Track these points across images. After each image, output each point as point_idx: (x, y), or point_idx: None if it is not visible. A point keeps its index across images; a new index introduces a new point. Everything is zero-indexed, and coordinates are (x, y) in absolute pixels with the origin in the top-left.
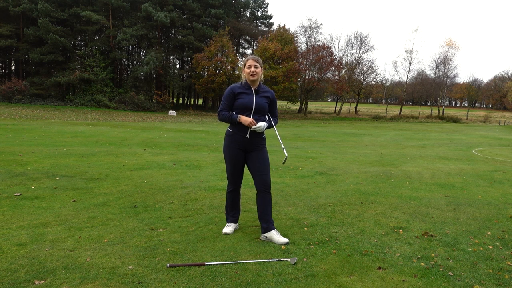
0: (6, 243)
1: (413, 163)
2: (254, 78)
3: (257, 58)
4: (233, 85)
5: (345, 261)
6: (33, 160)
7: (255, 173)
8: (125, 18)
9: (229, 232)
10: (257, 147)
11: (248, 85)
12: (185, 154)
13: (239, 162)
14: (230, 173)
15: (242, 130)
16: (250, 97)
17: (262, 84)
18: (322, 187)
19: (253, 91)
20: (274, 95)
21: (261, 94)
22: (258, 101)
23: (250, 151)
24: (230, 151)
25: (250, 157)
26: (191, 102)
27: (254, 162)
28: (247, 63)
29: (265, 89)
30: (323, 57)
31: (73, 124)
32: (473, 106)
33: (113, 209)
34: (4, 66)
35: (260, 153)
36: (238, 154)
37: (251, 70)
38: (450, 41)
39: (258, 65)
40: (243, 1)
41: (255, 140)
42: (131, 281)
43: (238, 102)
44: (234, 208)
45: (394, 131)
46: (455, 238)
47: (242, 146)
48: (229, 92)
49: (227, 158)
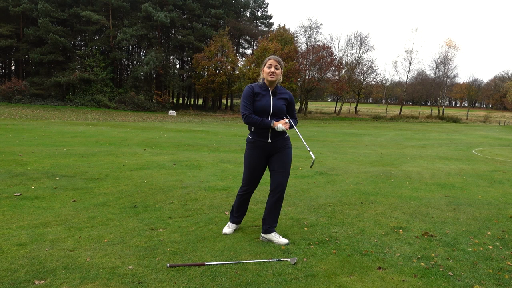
0: (6, 243)
1: (413, 163)
2: (273, 79)
3: (279, 59)
4: (251, 84)
5: (345, 261)
6: (33, 160)
7: (272, 174)
8: (125, 18)
9: (229, 232)
10: (281, 149)
11: (266, 86)
12: (185, 154)
13: (260, 170)
14: (248, 178)
15: (263, 136)
16: (267, 99)
17: (279, 85)
18: (322, 187)
19: (270, 92)
20: (292, 96)
21: (278, 95)
22: (275, 103)
23: (274, 154)
24: (252, 158)
25: (273, 158)
26: (191, 102)
27: (275, 164)
28: (268, 62)
29: (283, 90)
30: (323, 57)
31: (73, 124)
32: (473, 106)
33: (113, 209)
34: (4, 66)
35: (282, 155)
36: (260, 161)
37: (271, 70)
38: (450, 41)
39: (279, 66)
40: (243, 1)
41: (278, 143)
42: (131, 281)
43: (255, 105)
44: (240, 210)
45: (394, 131)
46: (455, 238)
47: (265, 152)
48: (249, 91)
49: (248, 164)
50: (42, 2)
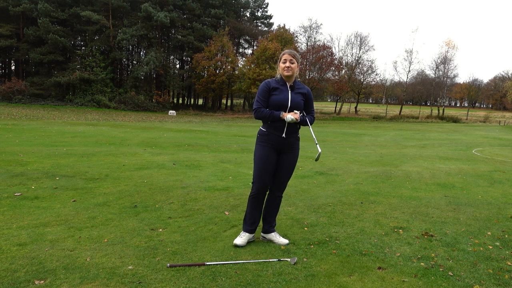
0: (6, 243)
1: (413, 163)
2: (289, 73)
3: (294, 53)
4: (268, 80)
5: (345, 261)
6: (33, 160)
7: (276, 175)
8: (125, 18)
9: (241, 244)
10: (291, 149)
11: (284, 81)
12: (185, 154)
13: (272, 162)
14: (259, 174)
15: (278, 130)
16: (285, 93)
17: (297, 80)
18: (322, 187)
19: (288, 87)
20: (311, 92)
21: (296, 90)
22: (293, 98)
23: (283, 153)
24: (263, 151)
25: (281, 158)
26: (191, 102)
27: (282, 166)
28: (282, 57)
29: (301, 85)
30: (323, 57)
31: (73, 124)
32: (473, 106)
33: (113, 209)
34: (4, 66)
35: (290, 157)
36: (272, 154)
37: (286, 65)
38: (449, 41)
39: (294, 60)
40: (243, 1)
41: (290, 140)
42: (131, 281)
43: (273, 99)
44: (254, 216)
45: (394, 131)
46: (455, 238)
47: (277, 147)
48: (264, 86)
49: (259, 157)
50: (42, 2)
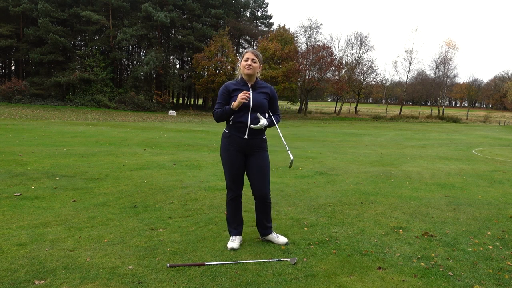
0: (6, 243)
1: (413, 163)
2: (250, 71)
3: (257, 53)
4: (227, 83)
5: (345, 261)
6: (33, 160)
7: (251, 179)
8: (125, 18)
9: (236, 247)
10: (257, 150)
11: (244, 81)
12: (185, 154)
13: (239, 166)
14: (229, 178)
15: (240, 131)
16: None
17: (259, 80)
18: (322, 187)
19: (249, 87)
20: (274, 90)
21: (258, 90)
22: (255, 97)
23: (250, 155)
24: (228, 154)
25: (249, 162)
26: (191, 102)
27: (252, 169)
28: (245, 55)
29: (263, 84)
30: (323, 57)
31: (73, 124)
32: (473, 106)
33: (113, 209)
34: (4, 66)
35: (259, 159)
36: (237, 157)
37: (248, 63)
38: (449, 41)
39: (256, 59)
40: (243, 1)
41: (255, 142)
42: (131, 281)
43: (234, 100)
44: (236, 220)
45: (394, 131)
46: (455, 238)
47: (241, 149)
48: (223, 89)
49: (225, 162)
50: (42, 2)
